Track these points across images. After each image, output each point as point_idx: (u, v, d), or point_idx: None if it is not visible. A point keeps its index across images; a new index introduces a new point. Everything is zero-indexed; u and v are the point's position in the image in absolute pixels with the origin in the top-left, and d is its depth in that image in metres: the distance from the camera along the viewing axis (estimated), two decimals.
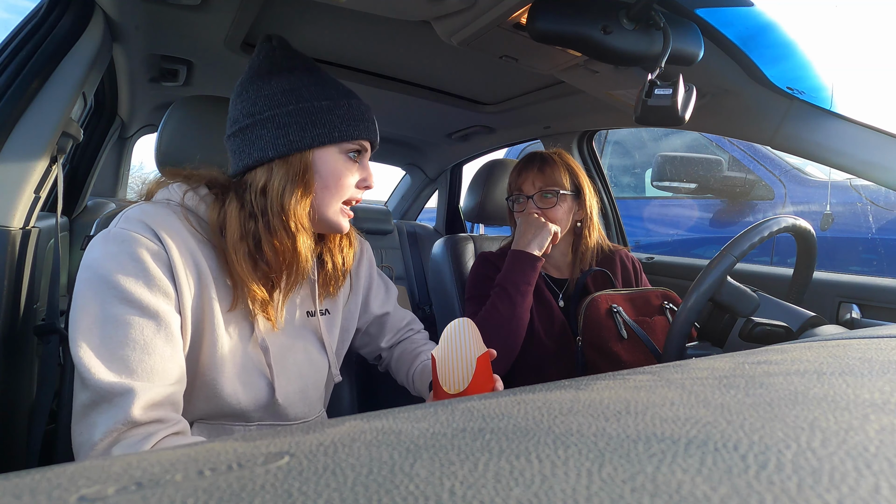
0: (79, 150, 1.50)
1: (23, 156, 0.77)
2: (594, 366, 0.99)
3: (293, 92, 0.67)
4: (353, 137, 0.69)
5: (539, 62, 0.92)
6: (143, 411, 0.52)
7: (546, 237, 1.04)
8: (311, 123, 0.66)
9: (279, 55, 0.70)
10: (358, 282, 0.87)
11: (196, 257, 0.63)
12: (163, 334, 0.57)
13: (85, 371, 0.52)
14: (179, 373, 0.59)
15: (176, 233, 0.62)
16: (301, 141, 0.66)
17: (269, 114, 0.66)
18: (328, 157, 0.68)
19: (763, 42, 0.81)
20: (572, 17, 0.68)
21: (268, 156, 0.65)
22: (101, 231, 0.61)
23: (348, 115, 0.69)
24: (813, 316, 0.79)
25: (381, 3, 0.77)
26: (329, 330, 0.79)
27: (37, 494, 0.15)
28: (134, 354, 0.54)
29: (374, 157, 0.78)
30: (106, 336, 0.54)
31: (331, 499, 0.15)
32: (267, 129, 0.66)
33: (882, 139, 0.82)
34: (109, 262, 0.57)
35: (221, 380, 0.65)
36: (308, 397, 0.75)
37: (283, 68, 0.69)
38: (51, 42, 0.81)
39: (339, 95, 0.69)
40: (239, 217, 0.65)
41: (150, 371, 0.55)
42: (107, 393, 0.52)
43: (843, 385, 0.25)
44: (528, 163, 1.11)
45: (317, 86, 0.68)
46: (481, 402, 0.26)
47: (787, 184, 2.35)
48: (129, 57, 1.16)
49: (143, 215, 0.61)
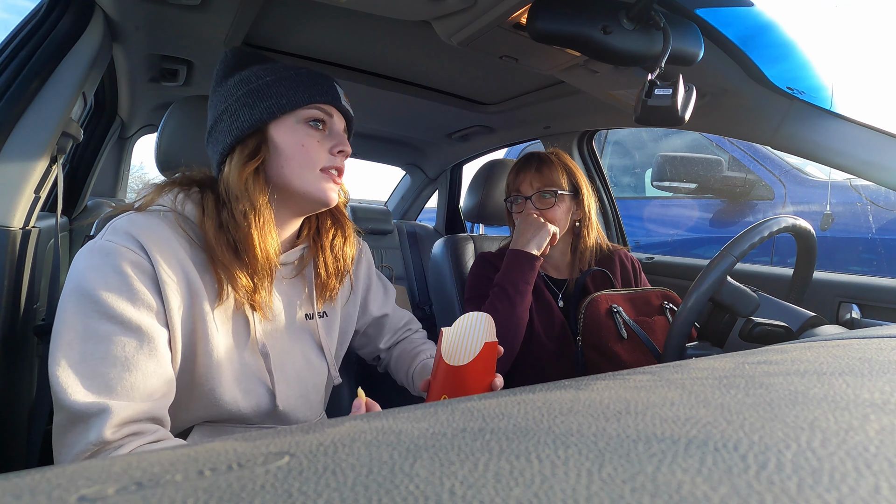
0: (79, 150, 1.49)
1: (23, 156, 0.77)
2: (594, 366, 0.99)
3: (243, 80, 0.68)
4: (304, 102, 0.67)
5: (539, 62, 0.92)
6: (115, 430, 0.51)
7: (545, 237, 1.04)
8: (258, 99, 0.66)
9: (232, 60, 0.71)
10: (357, 283, 0.86)
11: (185, 266, 0.62)
12: (146, 350, 0.56)
13: (60, 391, 0.51)
14: (165, 388, 0.57)
15: (164, 242, 0.60)
16: (251, 118, 0.66)
17: (224, 107, 0.68)
18: (284, 129, 0.67)
19: (763, 42, 0.81)
20: (572, 17, 0.68)
21: (227, 143, 0.66)
22: (88, 242, 0.60)
23: (296, 84, 0.68)
24: (813, 316, 0.79)
25: (381, 3, 0.77)
26: (328, 333, 0.79)
27: (37, 494, 0.15)
28: (114, 371, 0.53)
29: (374, 157, 0.78)
30: (87, 352, 0.53)
31: (331, 499, 0.15)
32: (224, 122, 0.67)
33: (882, 139, 0.82)
34: (93, 275, 0.56)
35: (220, 388, 0.64)
36: (309, 401, 0.75)
37: (237, 67, 0.70)
38: (51, 42, 0.81)
39: (287, 69, 0.69)
40: (215, 209, 0.65)
41: (131, 388, 0.53)
42: (81, 414, 0.51)
43: (843, 385, 0.25)
44: (525, 163, 1.11)
45: (265, 68, 0.69)
46: (481, 402, 0.26)
47: (787, 184, 2.35)
48: (129, 57, 1.16)
49: (130, 226, 0.60)
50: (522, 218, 1.09)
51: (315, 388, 0.76)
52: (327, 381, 0.79)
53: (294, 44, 1.11)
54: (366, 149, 2.21)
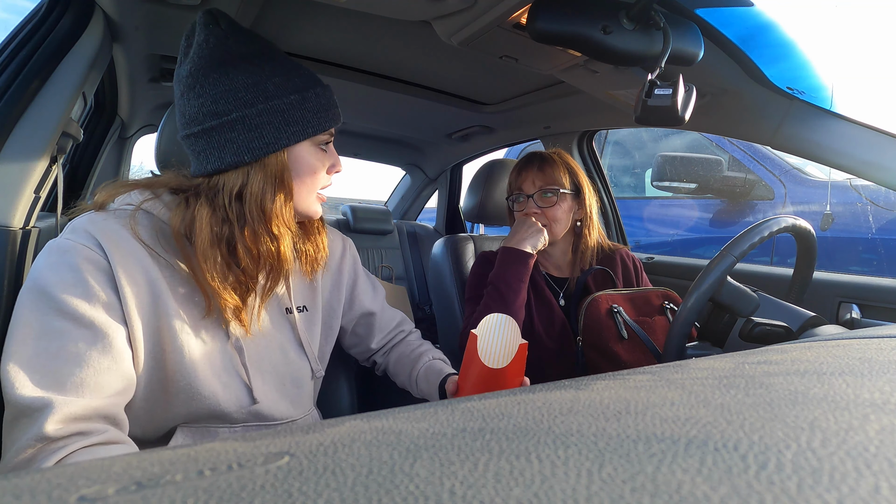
0: (79, 150, 1.50)
1: (23, 156, 0.77)
2: (594, 366, 0.99)
3: (257, 87, 0.63)
4: (326, 128, 0.68)
5: (539, 62, 0.92)
6: (59, 426, 0.50)
7: (539, 240, 1.04)
8: (284, 122, 0.64)
9: (232, 42, 0.64)
10: (341, 278, 0.86)
11: (145, 264, 0.61)
12: (99, 346, 0.55)
13: (8, 386, 0.51)
14: (119, 385, 0.57)
15: (122, 241, 0.60)
16: (277, 142, 0.64)
17: (237, 115, 0.62)
18: (303, 153, 0.67)
19: (762, 42, 0.81)
20: (572, 17, 0.68)
21: (244, 160, 0.62)
22: (49, 241, 0.60)
23: (318, 107, 0.67)
24: (813, 316, 0.79)
25: (381, 3, 0.77)
26: (308, 328, 0.78)
27: (37, 494, 0.15)
28: (65, 367, 0.53)
29: (374, 157, 0.79)
30: (40, 349, 0.53)
31: (331, 499, 0.15)
32: (237, 132, 0.62)
33: (882, 139, 0.82)
34: (49, 272, 0.56)
35: (197, 383, 0.63)
36: (289, 395, 0.74)
37: (239, 56, 0.63)
38: (51, 42, 0.81)
39: (306, 85, 0.67)
40: (210, 222, 0.62)
41: (80, 384, 0.53)
42: (26, 408, 0.50)
43: (843, 385, 0.25)
44: (527, 162, 1.12)
45: (281, 76, 0.65)
46: (481, 402, 0.26)
47: (787, 184, 2.35)
48: (129, 57, 1.16)
49: (88, 224, 0.59)
50: (518, 219, 1.09)
51: (294, 383, 0.75)
52: (311, 377, 0.78)
53: (294, 44, 1.11)
54: (366, 149, 2.21)
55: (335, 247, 0.87)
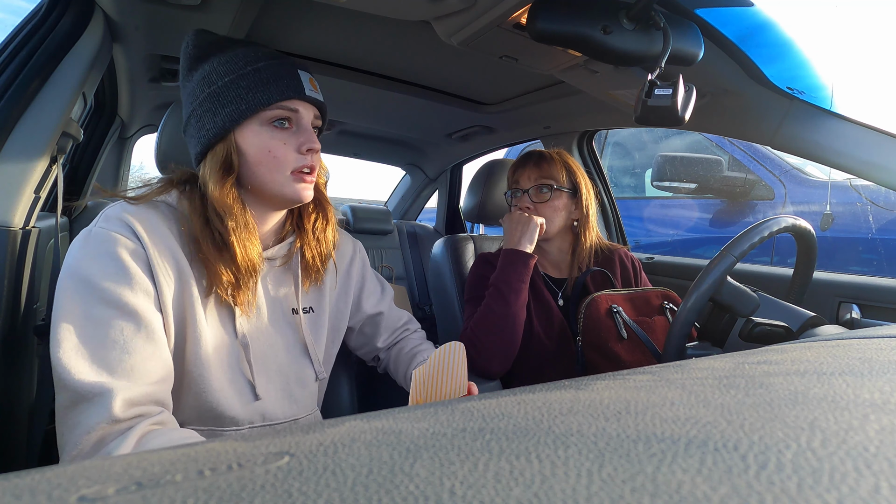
0: (79, 150, 1.49)
1: (23, 156, 0.77)
2: (594, 366, 0.99)
3: (205, 79, 0.66)
4: (265, 104, 0.64)
5: (539, 62, 0.92)
6: (124, 408, 0.52)
7: (533, 230, 1.04)
8: (219, 105, 0.65)
9: (192, 50, 0.69)
10: (349, 281, 0.86)
11: (176, 254, 0.63)
12: (143, 333, 0.57)
13: (64, 372, 0.51)
14: (163, 371, 0.58)
15: (154, 229, 0.62)
16: (214, 127, 0.65)
17: (191, 109, 0.67)
18: (250, 135, 0.66)
19: (760, 40, 0.81)
20: (572, 17, 0.68)
21: (198, 151, 0.67)
22: (83, 230, 0.60)
23: (254, 84, 0.64)
24: (813, 316, 0.79)
25: (380, 3, 0.77)
26: (313, 329, 0.78)
27: (37, 494, 0.15)
28: (113, 354, 0.54)
29: (374, 157, 0.79)
30: (86, 337, 0.54)
31: (331, 499, 0.15)
32: (192, 126, 0.68)
33: (882, 139, 0.82)
34: (89, 262, 0.57)
35: (208, 375, 0.64)
36: (292, 395, 0.74)
37: (199, 58, 0.68)
38: (51, 42, 0.81)
39: (246, 64, 0.65)
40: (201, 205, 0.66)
41: (130, 370, 0.54)
42: (87, 392, 0.51)
43: (843, 385, 0.25)
44: (526, 158, 1.13)
45: (225, 64, 0.66)
46: (481, 402, 0.26)
47: (787, 184, 2.35)
48: (129, 57, 1.16)
49: (122, 213, 0.61)
50: (507, 217, 1.09)
51: (299, 383, 0.75)
52: (315, 378, 0.79)
53: (294, 44, 1.11)
54: (366, 149, 2.21)
55: (346, 250, 0.87)
